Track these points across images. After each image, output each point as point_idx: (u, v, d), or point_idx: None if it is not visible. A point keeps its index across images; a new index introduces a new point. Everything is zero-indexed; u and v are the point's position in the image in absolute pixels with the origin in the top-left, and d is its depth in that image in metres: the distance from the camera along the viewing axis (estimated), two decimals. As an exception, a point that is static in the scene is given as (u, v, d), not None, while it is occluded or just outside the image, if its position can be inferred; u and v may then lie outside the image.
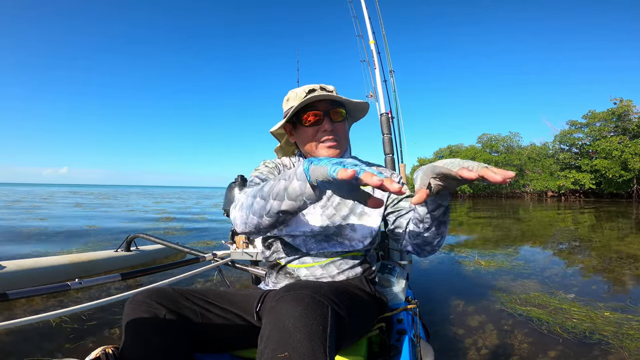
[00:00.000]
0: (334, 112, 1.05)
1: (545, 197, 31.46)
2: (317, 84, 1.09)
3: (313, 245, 1.04)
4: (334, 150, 1.06)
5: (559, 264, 3.75)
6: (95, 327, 1.92)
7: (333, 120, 1.05)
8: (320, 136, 1.05)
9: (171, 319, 0.82)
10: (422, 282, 2.98)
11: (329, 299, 0.73)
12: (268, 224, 0.81)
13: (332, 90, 1.08)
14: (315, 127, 1.05)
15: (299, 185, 0.70)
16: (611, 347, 1.71)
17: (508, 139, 35.78)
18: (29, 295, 1.45)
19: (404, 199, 1.08)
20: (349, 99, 1.06)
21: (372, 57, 2.58)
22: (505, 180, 0.56)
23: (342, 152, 1.09)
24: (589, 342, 1.78)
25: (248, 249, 2.22)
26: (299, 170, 0.71)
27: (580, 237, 5.77)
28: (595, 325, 1.98)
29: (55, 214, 9.34)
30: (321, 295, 0.73)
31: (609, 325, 1.98)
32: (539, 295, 2.51)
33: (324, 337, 0.66)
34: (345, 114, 1.08)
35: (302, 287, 0.74)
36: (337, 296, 0.79)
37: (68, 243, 4.68)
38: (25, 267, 2.51)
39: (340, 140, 1.07)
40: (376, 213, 1.08)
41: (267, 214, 0.79)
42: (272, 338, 0.65)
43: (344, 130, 1.09)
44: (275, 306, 0.70)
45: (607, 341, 1.77)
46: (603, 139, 27.35)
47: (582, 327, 1.94)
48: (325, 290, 0.77)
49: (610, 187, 27.13)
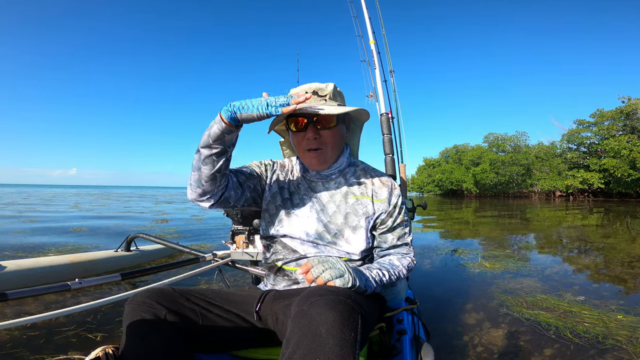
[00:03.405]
0: (321, 119, 1.00)
1: (553, 196, 31.17)
2: (313, 84, 1.06)
3: (310, 249, 1.04)
4: (317, 160, 1.04)
5: (567, 266, 3.66)
6: (96, 327, 1.91)
7: (319, 128, 1.01)
8: (305, 144, 1.02)
9: (171, 319, 0.82)
10: (422, 282, 2.93)
11: (358, 306, 0.74)
12: (207, 173, 0.91)
13: (327, 93, 1.04)
14: (301, 134, 1.02)
15: (217, 127, 0.87)
16: (626, 353, 1.64)
17: (515, 138, 35.57)
18: (29, 295, 1.45)
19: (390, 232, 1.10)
20: (330, 112, 0.96)
21: (372, 57, 2.60)
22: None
23: (329, 161, 1.06)
24: (602, 347, 1.70)
25: (248, 249, 2.21)
26: (217, 117, 0.88)
27: (589, 238, 5.66)
28: (608, 329, 1.91)
29: (48, 216, 9.11)
30: (352, 301, 0.73)
31: (623, 329, 1.90)
32: (546, 298, 2.43)
33: (354, 344, 0.66)
34: (335, 121, 1.03)
35: (333, 292, 0.74)
36: (361, 302, 0.79)
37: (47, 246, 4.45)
38: (25, 267, 2.51)
39: (326, 148, 1.03)
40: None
41: (202, 161, 0.90)
42: (303, 343, 0.65)
43: (332, 137, 1.03)
44: (307, 310, 0.70)
45: (620, 346, 1.70)
46: (611, 138, 27.07)
47: (594, 332, 1.87)
48: (354, 296, 0.77)
49: (619, 186, 26.81)
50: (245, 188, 1.05)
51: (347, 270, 0.83)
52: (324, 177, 1.09)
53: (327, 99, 1.04)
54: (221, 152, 0.90)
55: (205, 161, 0.90)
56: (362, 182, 1.10)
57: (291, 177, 1.14)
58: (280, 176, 1.13)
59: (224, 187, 0.97)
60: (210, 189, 0.95)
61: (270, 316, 0.95)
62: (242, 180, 1.04)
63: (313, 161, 1.04)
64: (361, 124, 1.20)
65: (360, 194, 1.08)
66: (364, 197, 1.07)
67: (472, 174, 33.65)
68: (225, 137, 0.88)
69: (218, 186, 0.95)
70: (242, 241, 2.24)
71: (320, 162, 1.04)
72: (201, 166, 0.91)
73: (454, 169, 35.73)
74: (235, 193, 1.01)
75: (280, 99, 0.85)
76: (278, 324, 0.93)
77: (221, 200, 0.99)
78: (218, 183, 0.94)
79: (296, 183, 1.12)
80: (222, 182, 0.96)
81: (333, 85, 1.07)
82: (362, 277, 0.87)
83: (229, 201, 1.01)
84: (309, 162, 1.06)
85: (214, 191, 0.95)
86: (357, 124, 1.20)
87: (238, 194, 1.02)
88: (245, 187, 1.05)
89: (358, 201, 1.07)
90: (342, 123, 1.07)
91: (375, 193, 1.08)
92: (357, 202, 1.06)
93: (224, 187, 0.97)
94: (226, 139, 0.89)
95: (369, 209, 1.06)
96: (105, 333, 1.84)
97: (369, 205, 1.06)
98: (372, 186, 1.10)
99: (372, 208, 1.06)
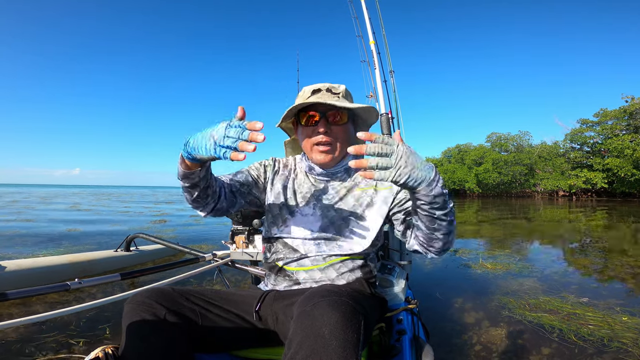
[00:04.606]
0: (333, 115, 1.03)
1: (557, 196, 31.04)
2: (325, 84, 1.07)
3: (312, 248, 1.03)
4: (326, 155, 1.04)
5: (570, 267, 3.63)
6: (96, 327, 1.91)
7: (330, 123, 1.03)
8: (315, 138, 1.04)
9: (171, 319, 0.81)
10: (422, 282, 2.91)
11: (361, 306, 0.73)
12: (190, 198, 0.94)
13: (340, 91, 1.06)
14: (312, 128, 1.04)
15: (180, 168, 0.87)
16: (632, 356, 1.61)
17: (518, 137, 35.44)
18: (29, 295, 1.45)
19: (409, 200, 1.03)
20: (345, 105, 1.01)
21: (372, 57, 2.61)
22: None
23: (336, 157, 1.06)
24: (607, 350, 1.68)
25: (248, 249, 2.21)
26: (179, 156, 0.85)
27: (592, 238, 5.62)
28: (613, 331, 1.88)
29: (45, 215, 9.07)
30: (356, 302, 0.73)
31: (629, 331, 1.87)
32: (549, 300, 2.40)
33: (357, 346, 0.66)
34: (346, 118, 1.05)
35: (336, 294, 0.73)
36: (363, 303, 0.79)
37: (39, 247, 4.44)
38: (25, 267, 2.51)
39: (336, 144, 1.05)
40: (377, 214, 1.05)
41: (182, 189, 0.93)
42: (306, 344, 0.65)
43: (343, 133, 1.05)
44: (310, 311, 0.69)
45: (625, 349, 1.67)
46: (615, 137, 26.94)
47: (599, 334, 1.84)
48: (356, 297, 0.76)
49: (622, 186, 26.67)
50: (238, 196, 1.06)
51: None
52: (329, 175, 1.10)
53: (340, 97, 1.05)
54: (193, 186, 0.90)
55: (183, 189, 0.93)
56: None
57: (294, 176, 1.14)
58: (283, 175, 1.15)
59: (215, 200, 0.98)
60: (200, 206, 0.98)
61: (271, 316, 0.95)
62: (234, 189, 1.05)
63: (321, 156, 1.04)
64: (367, 126, 1.21)
65: (365, 185, 1.09)
66: (368, 188, 1.08)
67: (474, 174, 33.56)
68: (190, 177, 0.87)
69: (207, 203, 0.97)
70: (241, 241, 2.23)
71: (328, 157, 1.05)
72: (183, 192, 0.94)
73: (456, 169, 35.62)
74: (228, 203, 1.03)
75: (230, 135, 0.71)
76: (278, 324, 0.93)
77: (214, 211, 1.01)
78: (205, 202, 0.97)
79: (300, 181, 1.13)
80: (210, 199, 0.97)
81: (345, 87, 1.09)
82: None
83: (222, 211, 1.03)
84: (317, 157, 1.05)
85: (204, 206, 0.98)
86: (362, 126, 1.20)
87: (231, 203, 1.04)
88: (238, 194, 1.06)
89: (363, 192, 1.07)
90: (351, 123, 1.09)
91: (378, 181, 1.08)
92: (361, 194, 1.07)
93: (215, 200, 0.98)
94: (192, 177, 0.87)
95: (373, 198, 1.06)
96: (105, 333, 1.84)
97: (374, 195, 1.07)
98: None
99: (376, 195, 1.06)
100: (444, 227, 0.84)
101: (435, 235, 0.87)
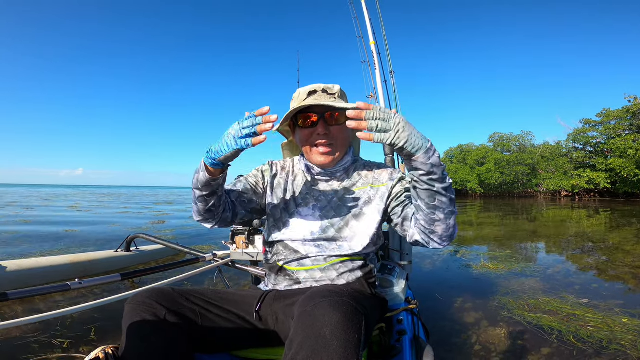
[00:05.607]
0: (331, 116, 1.03)
1: (559, 196, 30.91)
2: (320, 84, 1.07)
3: (312, 248, 1.03)
4: (326, 156, 1.05)
5: (571, 268, 3.61)
6: (96, 327, 1.91)
7: (329, 124, 1.03)
8: (315, 139, 1.04)
9: (171, 319, 0.82)
10: (422, 283, 2.91)
11: (362, 307, 0.74)
12: (203, 208, 0.97)
13: (335, 92, 1.06)
14: (310, 130, 1.04)
15: (202, 175, 0.90)
16: (629, 358, 1.61)
17: (520, 137, 35.24)
18: (29, 295, 1.46)
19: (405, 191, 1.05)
20: (343, 105, 0.99)
21: (373, 57, 2.60)
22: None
23: (336, 157, 1.07)
24: (606, 352, 1.67)
25: (248, 250, 2.21)
26: (201, 164, 0.91)
27: (594, 239, 5.59)
28: (613, 333, 1.87)
29: (44, 216, 8.99)
30: (357, 303, 0.73)
31: (628, 333, 1.86)
32: (549, 301, 2.39)
33: (358, 346, 0.66)
34: (344, 118, 1.04)
35: (337, 294, 0.73)
36: (364, 303, 0.79)
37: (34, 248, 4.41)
38: (25, 267, 2.52)
39: (336, 144, 1.05)
40: (375, 211, 1.05)
41: (197, 199, 0.96)
42: (307, 344, 0.65)
43: (342, 133, 1.05)
44: (311, 312, 0.70)
45: (624, 351, 1.66)
46: (618, 138, 26.74)
47: (598, 336, 1.83)
48: (359, 297, 0.77)
49: (625, 186, 26.48)
50: (238, 205, 1.08)
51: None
52: (328, 174, 1.10)
53: (336, 97, 1.06)
54: (211, 194, 0.95)
55: (199, 199, 0.96)
56: (363, 175, 1.12)
57: (292, 178, 1.15)
58: (281, 177, 1.15)
59: (222, 211, 1.02)
60: (210, 217, 1.01)
61: (271, 316, 0.95)
62: (234, 198, 1.07)
63: (322, 157, 1.05)
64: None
65: (362, 184, 1.10)
66: (365, 187, 1.09)
67: (476, 174, 33.40)
68: (212, 183, 0.92)
69: (217, 213, 1.01)
70: (242, 241, 2.24)
71: (328, 157, 1.05)
72: (197, 202, 0.97)
73: (458, 169, 35.47)
74: (232, 213, 1.06)
75: (245, 125, 0.80)
76: (278, 324, 0.94)
77: (220, 221, 1.04)
78: (216, 212, 1.00)
79: (298, 182, 1.13)
80: (220, 210, 1.01)
81: (339, 87, 1.10)
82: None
83: (227, 221, 1.06)
84: (317, 158, 1.06)
85: (213, 218, 1.02)
86: None
87: (235, 213, 1.07)
88: (239, 203, 1.08)
89: (360, 191, 1.08)
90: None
91: (375, 179, 1.10)
92: (359, 192, 1.08)
93: (222, 211, 1.02)
94: (213, 184, 0.93)
95: (371, 196, 1.07)
96: (105, 333, 1.85)
97: (371, 192, 1.07)
98: (372, 174, 1.11)
99: (374, 193, 1.07)
100: (445, 204, 0.84)
101: (436, 215, 0.85)
